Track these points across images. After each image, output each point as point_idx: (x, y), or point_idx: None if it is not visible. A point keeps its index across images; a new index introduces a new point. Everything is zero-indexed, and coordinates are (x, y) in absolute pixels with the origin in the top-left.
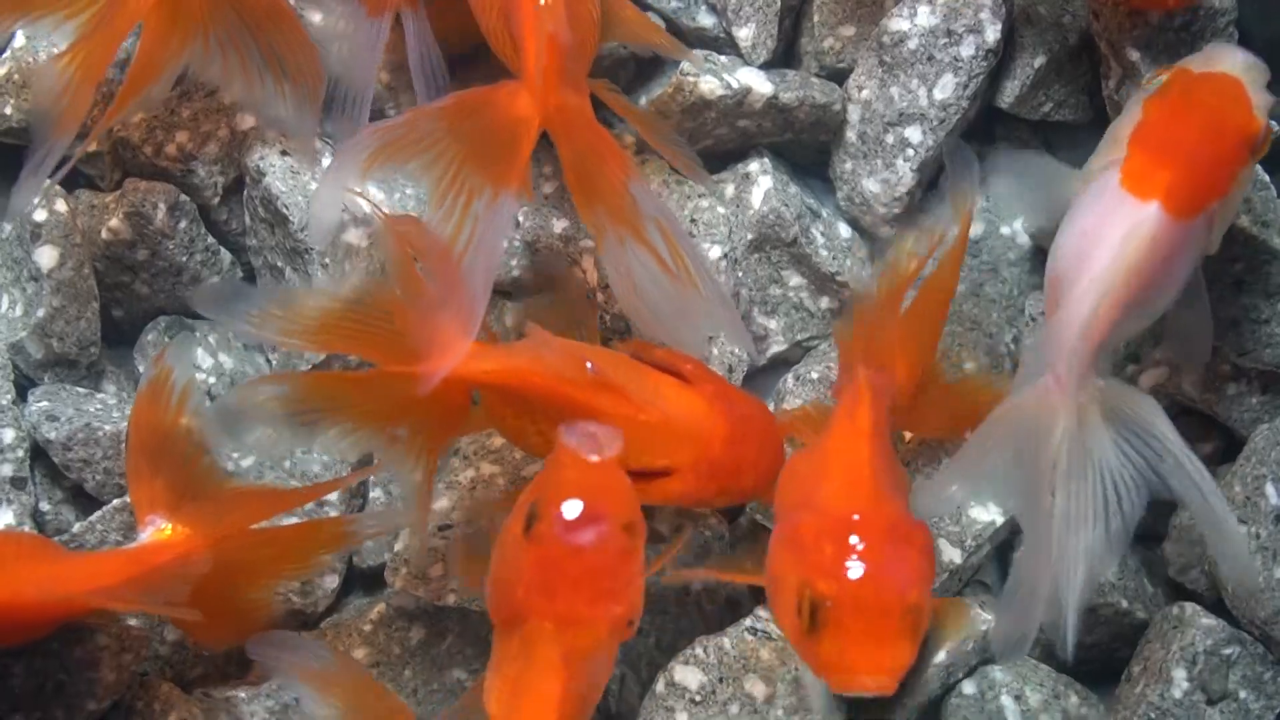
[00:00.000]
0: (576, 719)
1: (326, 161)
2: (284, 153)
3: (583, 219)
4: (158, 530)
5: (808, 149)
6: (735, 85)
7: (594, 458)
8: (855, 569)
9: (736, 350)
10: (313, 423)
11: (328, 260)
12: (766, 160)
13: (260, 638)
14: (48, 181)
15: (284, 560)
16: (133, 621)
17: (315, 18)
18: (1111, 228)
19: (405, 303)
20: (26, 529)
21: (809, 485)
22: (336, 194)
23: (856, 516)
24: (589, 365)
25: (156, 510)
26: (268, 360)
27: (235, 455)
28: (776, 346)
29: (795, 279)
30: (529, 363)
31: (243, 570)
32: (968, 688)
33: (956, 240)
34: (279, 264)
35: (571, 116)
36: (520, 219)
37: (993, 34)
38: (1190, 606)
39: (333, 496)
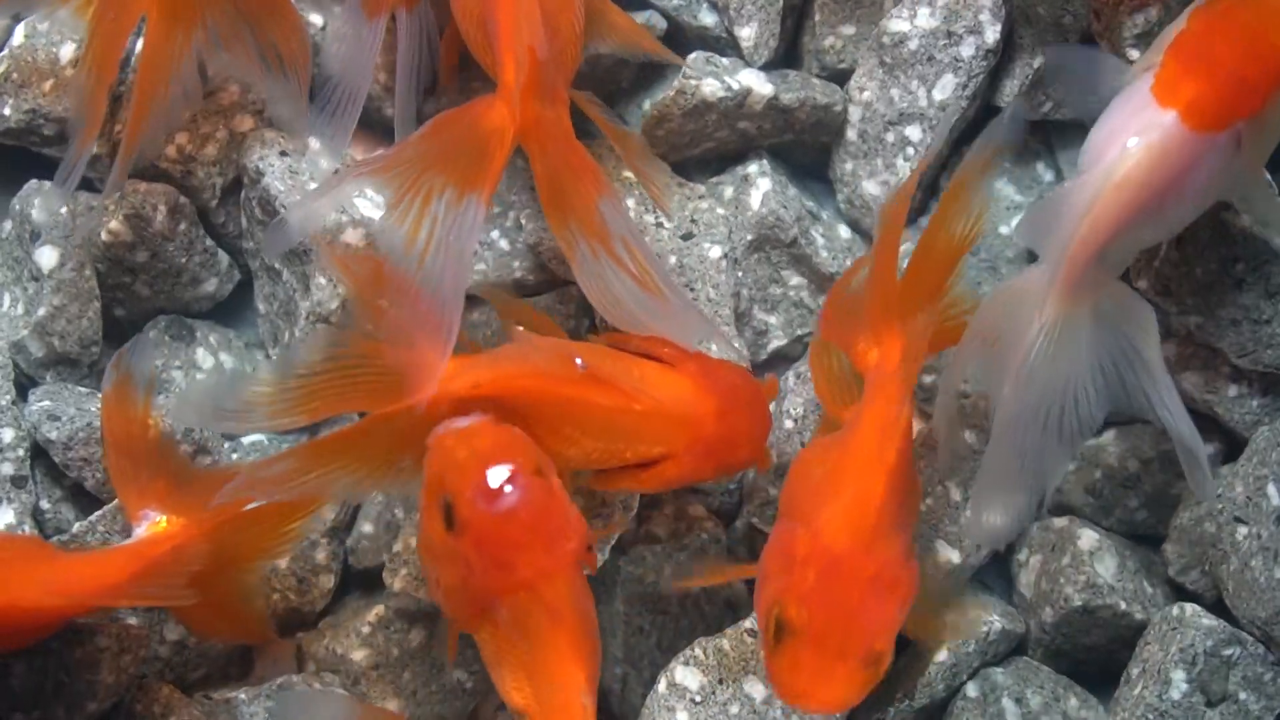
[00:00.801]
0: (593, 658)
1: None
2: (283, 153)
3: (554, 232)
4: (153, 524)
5: (808, 149)
6: (736, 86)
7: (466, 422)
8: (828, 605)
9: (737, 345)
10: (321, 485)
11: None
12: (765, 163)
13: (290, 698)
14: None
15: (266, 536)
16: (132, 621)
17: (315, 19)
18: (1128, 131)
19: (377, 336)
20: (27, 528)
21: (818, 495)
22: (308, 222)
23: (850, 551)
24: (579, 362)
25: (148, 504)
26: (267, 355)
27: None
28: (776, 341)
29: (795, 279)
30: (517, 368)
31: (236, 552)
32: (970, 690)
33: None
34: (276, 265)
35: (547, 130)
36: (523, 221)
37: (992, 34)
38: (1190, 607)
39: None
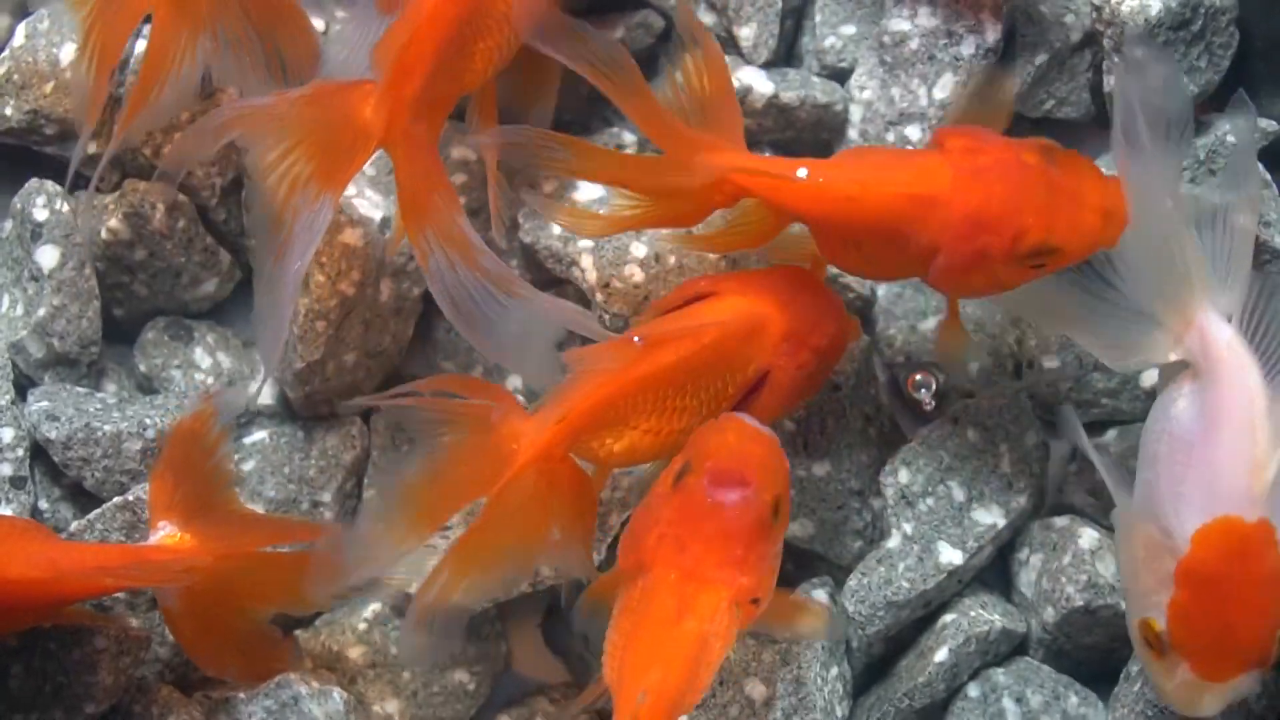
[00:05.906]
0: (688, 682)
1: None
2: None
3: (410, 238)
4: (167, 535)
5: (809, 148)
6: (737, 85)
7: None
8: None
9: None
10: (486, 581)
11: (324, 260)
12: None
13: None
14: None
15: (279, 584)
16: (133, 622)
17: (316, 23)
18: None
19: (460, 419)
20: None
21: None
22: (185, 157)
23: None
24: (635, 339)
25: (170, 517)
26: None
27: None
28: None
29: None
30: (594, 381)
31: (240, 589)
32: (971, 690)
33: None
34: None
35: (413, 146)
36: (521, 220)
37: (993, 33)
38: None
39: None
